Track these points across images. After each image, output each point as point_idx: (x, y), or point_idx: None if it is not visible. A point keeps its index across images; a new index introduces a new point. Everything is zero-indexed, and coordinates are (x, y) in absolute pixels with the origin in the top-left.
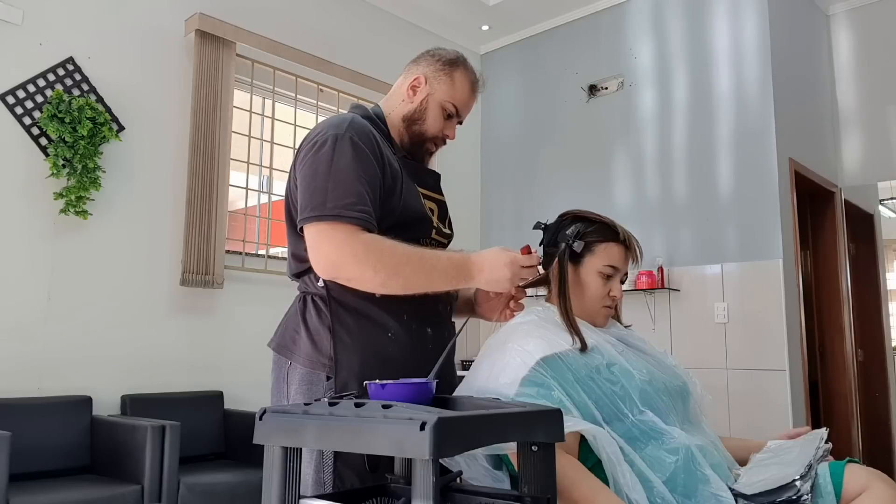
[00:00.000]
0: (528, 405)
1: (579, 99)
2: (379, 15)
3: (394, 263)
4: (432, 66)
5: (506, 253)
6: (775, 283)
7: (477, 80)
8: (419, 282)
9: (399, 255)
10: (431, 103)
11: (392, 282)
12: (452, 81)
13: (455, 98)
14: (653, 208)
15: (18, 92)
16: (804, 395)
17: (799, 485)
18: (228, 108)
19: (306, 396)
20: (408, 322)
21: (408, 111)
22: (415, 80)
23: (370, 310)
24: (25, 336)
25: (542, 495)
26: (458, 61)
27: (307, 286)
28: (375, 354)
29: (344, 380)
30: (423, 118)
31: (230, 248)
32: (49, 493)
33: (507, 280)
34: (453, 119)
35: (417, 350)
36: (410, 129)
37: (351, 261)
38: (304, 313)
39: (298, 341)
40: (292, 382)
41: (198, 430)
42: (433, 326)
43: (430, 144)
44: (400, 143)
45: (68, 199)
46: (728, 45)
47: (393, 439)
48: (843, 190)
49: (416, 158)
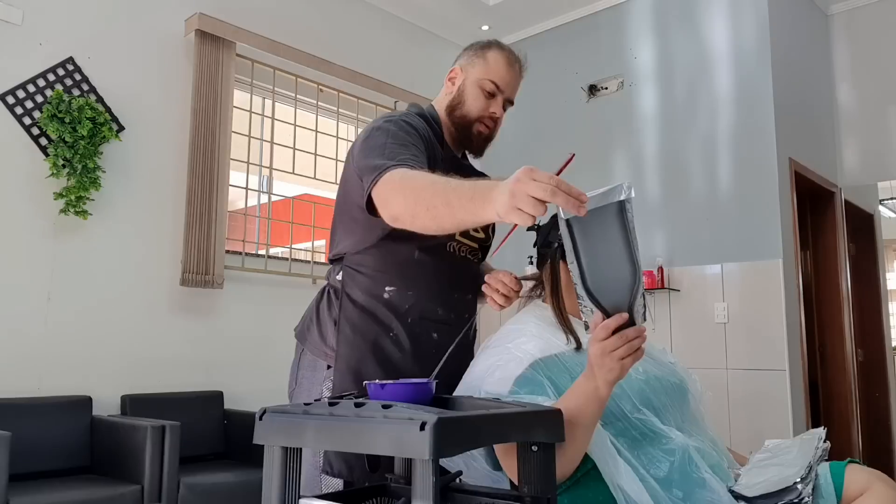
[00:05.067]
0: (527, 405)
1: (579, 99)
2: (379, 15)
3: (419, 187)
4: (466, 55)
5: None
6: (775, 283)
7: (513, 55)
8: (439, 207)
9: (425, 179)
10: (468, 85)
11: (419, 210)
12: (486, 61)
13: (490, 74)
14: (653, 208)
15: (18, 92)
16: (804, 395)
17: (800, 488)
18: (228, 108)
19: (310, 382)
20: (412, 325)
21: (449, 101)
22: (452, 72)
23: (377, 308)
24: (25, 336)
25: (542, 495)
26: (492, 43)
27: (329, 277)
28: (374, 351)
29: (341, 371)
30: (463, 101)
31: (230, 248)
32: (49, 493)
33: (508, 191)
34: (497, 97)
35: (419, 353)
36: (453, 117)
37: (391, 194)
38: (318, 304)
39: (310, 330)
40: (302, 367)
41: (198, 430)
42: (439, 332)
43: (477, 126)
44: (450, 138)
45: (68, 199)
46: (728, 45)
47: (393, 439)
48: (843, 190)
49: (470, 147)
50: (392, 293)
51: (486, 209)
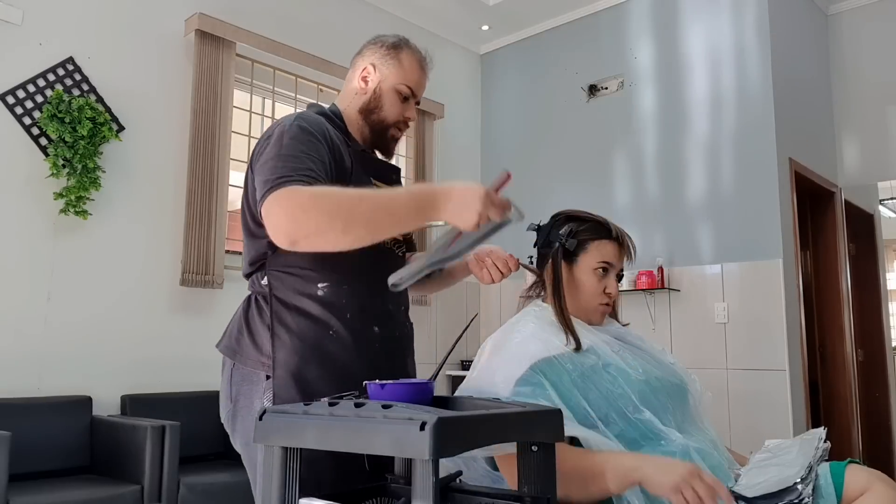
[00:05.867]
0: (528, 405)
1: (579, 99)
2: (379, 15)
3: (347, 205)
4: (377, 52)
5: (479, 186)
6: (775, 283)
7: (424, 57)
8: (383, 220)
9: (351, 196)
10: (385, 89)
11: (354, 227)
12: (400, 63)
13: (406, 79)
14: (653, 208)
15: (18, 92)
16: (804, 395)
17: (801, 488)
18: (228, 108)
19: (248, 397)
20: (351, 320)
21: (363, 103)
22: (364, 71)
23: (312, 307)
24: (25, 336)
25: (542, 495)
26: (401, 43)
27: (253, 285)
28: (314, 351)
29: (281, 378)
30: (380, 106)
31: (230, 248)
32: (49, 493)
33: (476, 213)
34: (410, 101)
35: (362, 348)
36: (370, 120)
37: (301, 215)
38: (246, 313)
39: (241, 341)
40: (235, 382)
41: (198, 430)
42: (381, 325)
43: (393, 130)
44: (361, 137)
45: (68, 199)
46: (728, 44)
47: (393, 439)
48: (843, 190)
49: (382, 148)
50: (326, 289)
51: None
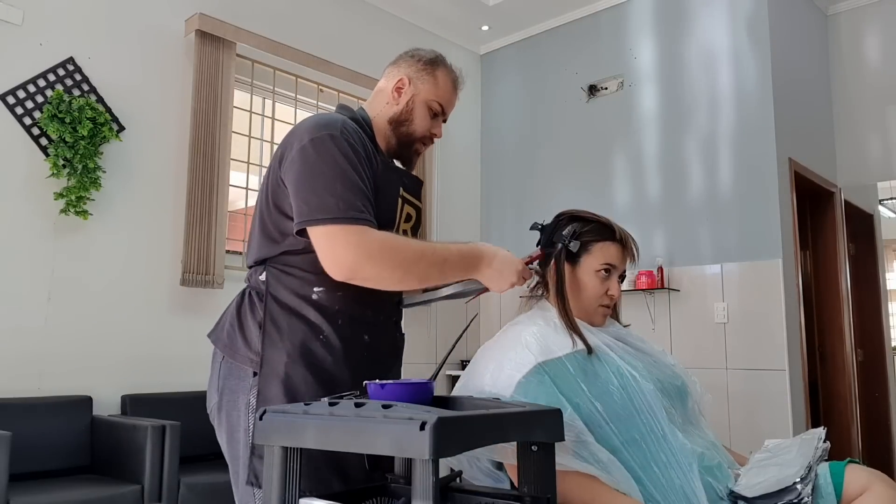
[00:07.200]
0: (528, 405)
1: (579, 99)
2: (379, 15)
3: (410, 260)
4: (413, 66)
5: (516, 259)
6: (775, 283)
7: (458, 77)
8: (433, 274)
9: (413, 251)
10: (417, 103)
11: (409, 277)
12: (436, 80)
13: (439, 96)
14: (653, 208)
15: (18, 92)
16: (804, 395)
17: (800, 488)
18: (228, 109)
19: (233, 392)
20: (342, 327)
21: (394, 113)
22: (399, 82)
23: (306, 310)
24: (25, 336)
25: (541, 495)
26: (439, 60)
27: (250, 280)
28: (303, 355)
29: (266, 376)
30: (411, 119)
31: (230, 248)
32: (49, 493)
33: (509, 283)
34: (439, 118)
35: (350, 356)
36: (398, 131)
37: (366, 262)
38: (240, 307)
39: (232, 335)
40: (223, 376)
41: (198, 430)
42: (370, 334)
43: (418, 145)
44: (386, 146)
45: (68, 199)
46: (728, 44)
47: (393, 439)
48: (843, 190)
49: (404, 160)
50: (321, 294)
51: (474, 275)
